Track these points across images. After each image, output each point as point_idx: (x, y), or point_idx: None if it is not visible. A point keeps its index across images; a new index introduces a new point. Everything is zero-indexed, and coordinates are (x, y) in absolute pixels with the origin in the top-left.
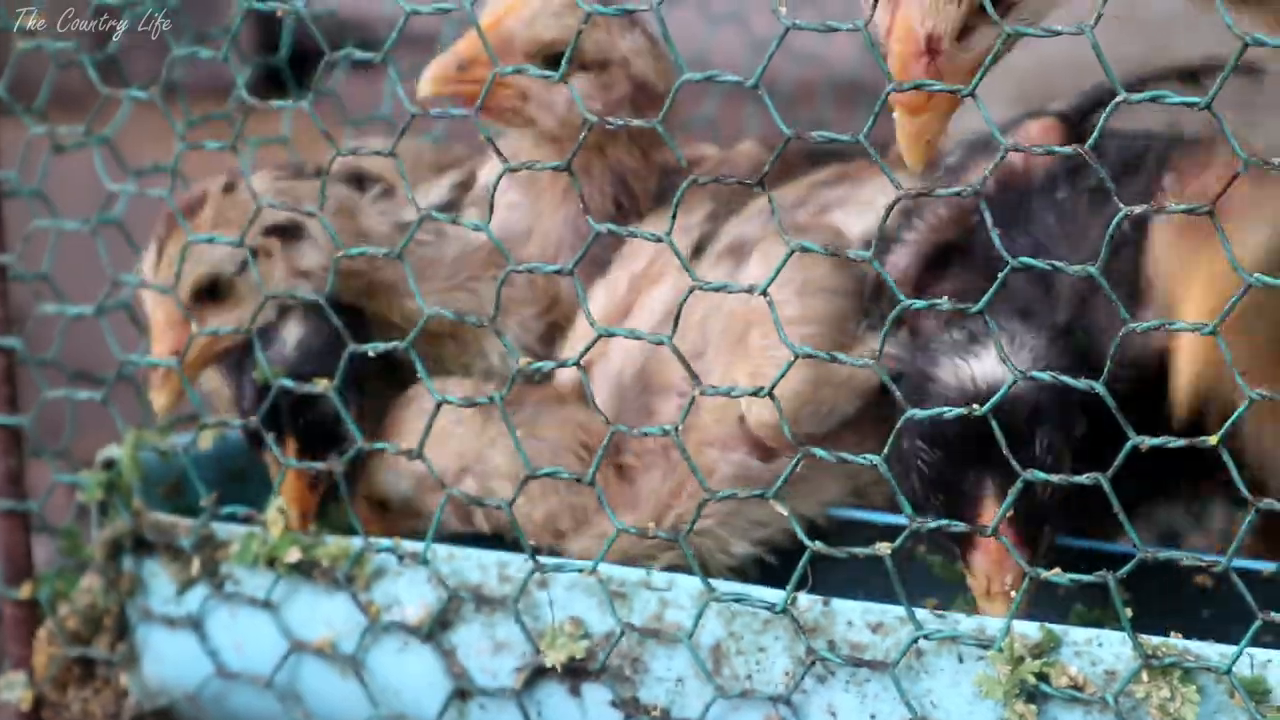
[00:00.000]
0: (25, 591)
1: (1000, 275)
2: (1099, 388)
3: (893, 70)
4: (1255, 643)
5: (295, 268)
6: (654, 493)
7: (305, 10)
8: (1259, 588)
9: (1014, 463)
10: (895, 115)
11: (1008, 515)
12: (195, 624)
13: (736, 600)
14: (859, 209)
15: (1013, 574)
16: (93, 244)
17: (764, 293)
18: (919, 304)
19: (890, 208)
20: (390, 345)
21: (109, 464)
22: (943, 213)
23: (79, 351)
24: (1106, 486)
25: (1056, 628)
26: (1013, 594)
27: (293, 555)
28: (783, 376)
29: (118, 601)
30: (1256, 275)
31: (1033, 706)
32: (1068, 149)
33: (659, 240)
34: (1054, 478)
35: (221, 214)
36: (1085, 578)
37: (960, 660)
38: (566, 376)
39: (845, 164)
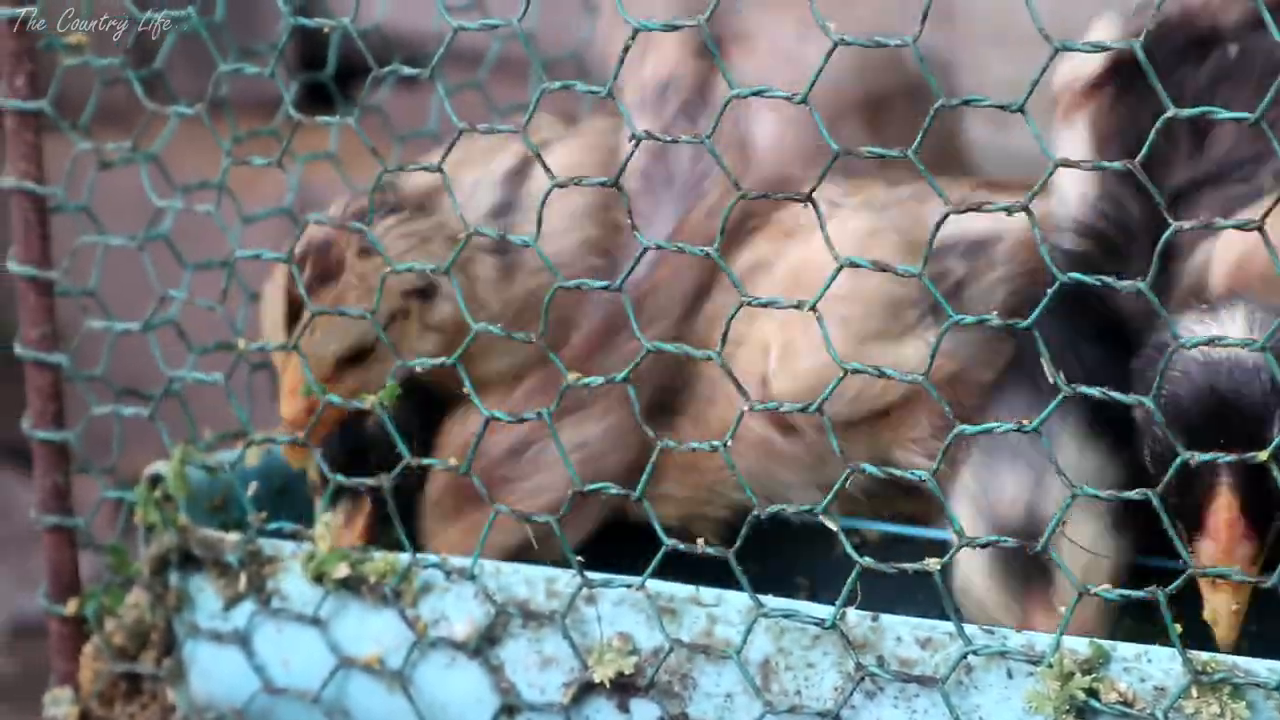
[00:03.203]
0: (72, 607)
1: (1049, 292)
2: (1149, 402)
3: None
4: None
5: (428, 324)
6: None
7: (352, 26)
8: None
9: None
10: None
11: (1237, 504)
12: (242, 639)
13: (785, 616)
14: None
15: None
16: (140, 260)
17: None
18: (968, 319)
19: (939, 224)
20: (439, 361)
21: (155, 480)
22: None
23: (126, 367)
24: (1156, 503)
25: (1105, 643)
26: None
27: (340, 571)
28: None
29: (164, 617)
30: None
31: None
32: (1117, 164)
33: (707, 255)
34: (1103, 494)
35: (364, 281)
36: (1134, 593)
37: (1009, 676)
38: None
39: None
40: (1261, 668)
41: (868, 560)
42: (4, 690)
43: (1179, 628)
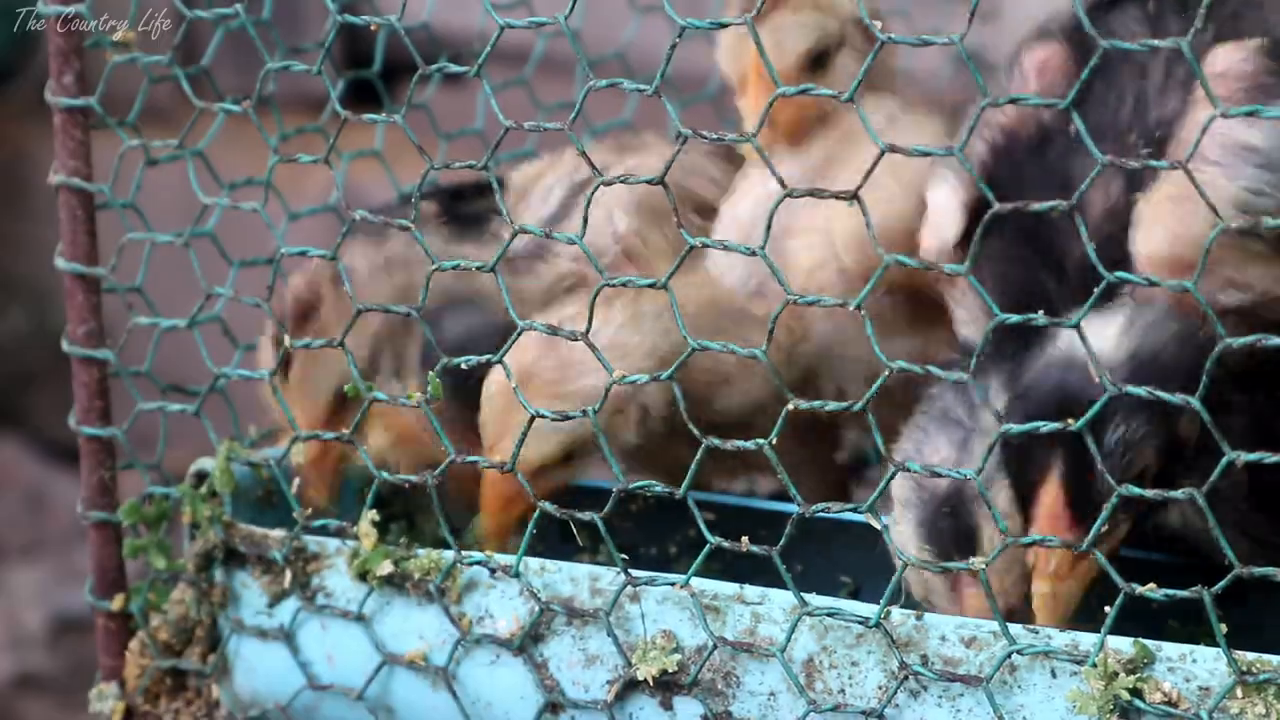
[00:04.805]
0: (117, 603)
1: (1098, 290)
2: (1195, 402)
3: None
4: None
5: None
6: None
7: (398, 24)
8: None
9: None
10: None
11: (1061, 492)
12: (287, 636)
13: (829, 614)
14: None
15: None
16: (185, 257)
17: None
18: (1013, 318)
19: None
20: (479, 359)
21: (201, 476)
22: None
23: (171, 364)
24: (1202, 502)
25: (1150, 643)
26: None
27: (385, 568)
28: None
29: (209, 613)
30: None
31: None
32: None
33: (752, 254)
34: (1149, 493)
35: (341, 309)
36: (1180, 593)
37: (1054, 675)
38: None
39: None
40: None
41: (912, 558)
42: (48, 685)
43: (1224, 627)
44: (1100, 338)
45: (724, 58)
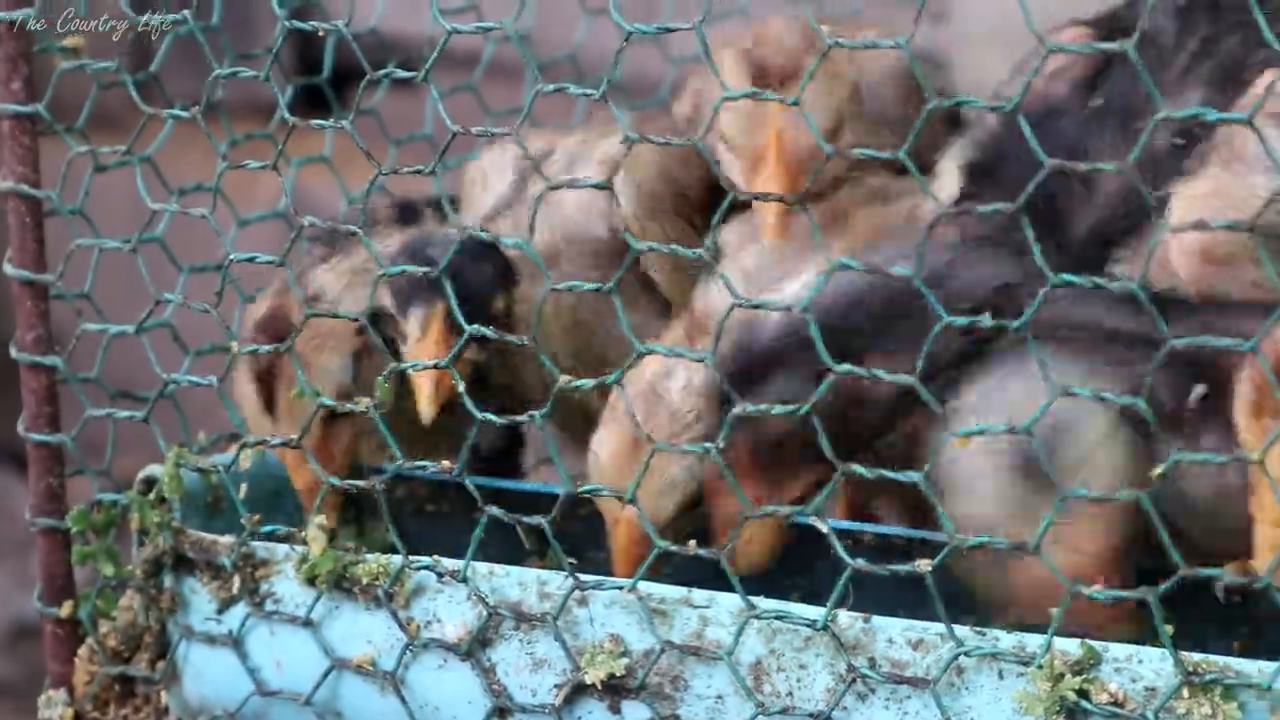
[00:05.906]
0: (66, 610)
1: (1039, 294)
2: (1142, 403)
3: None
4: None
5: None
6: None
7: (347, 30)
8: None
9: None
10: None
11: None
12: (236, 642)
13: (777, 617)
14: None
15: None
16: (134, 263)
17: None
18: (960, 321)
19: (931, 226)
20: (433, 363)
21: (149, 482)
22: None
23: (120, 370)
24: (1145, 503)
25: (1097, 644)
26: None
27: (333, 573)
28: None
29: (158, 619)
30: None
31: None
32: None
33: (699, 258)
34: (1093, 494)
35: (316, 328)
36: (1126, 594)
37: (1000, 677)
38: None
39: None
40: (1253, 668)
41: (860, 562)
42: (6, 690)
43: (1170, 628)
44: None
45: (733, 127)
